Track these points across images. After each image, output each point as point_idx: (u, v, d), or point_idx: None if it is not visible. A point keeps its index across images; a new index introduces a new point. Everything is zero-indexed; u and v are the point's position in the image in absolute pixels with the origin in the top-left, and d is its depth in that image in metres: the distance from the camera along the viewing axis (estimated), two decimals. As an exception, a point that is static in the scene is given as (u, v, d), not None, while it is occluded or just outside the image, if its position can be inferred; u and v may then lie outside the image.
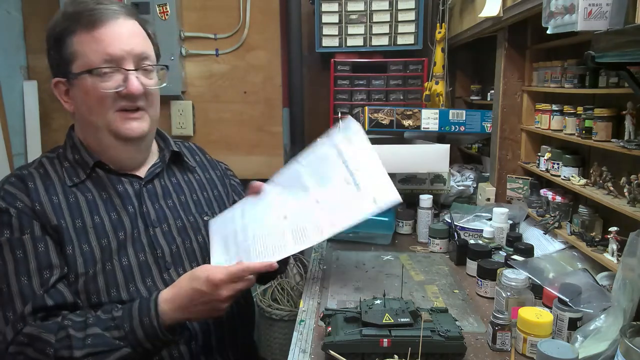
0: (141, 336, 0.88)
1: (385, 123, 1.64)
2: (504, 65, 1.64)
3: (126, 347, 0.87)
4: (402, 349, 0.86)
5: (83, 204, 0.99)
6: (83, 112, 1.01)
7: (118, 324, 0.88)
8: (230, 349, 1.10)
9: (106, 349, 0.86)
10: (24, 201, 0.95)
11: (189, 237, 1.09)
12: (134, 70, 0.98)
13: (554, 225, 1.33)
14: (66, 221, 0.96)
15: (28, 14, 2.37)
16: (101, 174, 1.04)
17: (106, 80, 0.96)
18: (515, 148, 1.69)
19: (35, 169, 1.02)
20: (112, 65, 0.96)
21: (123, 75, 0.98)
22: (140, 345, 0.88)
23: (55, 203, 0.97)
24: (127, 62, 0.97)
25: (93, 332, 0.87)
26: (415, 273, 1.35)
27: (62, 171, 1.02)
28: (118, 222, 1.01)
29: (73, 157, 1.04)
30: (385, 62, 2.17)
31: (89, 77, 0.96)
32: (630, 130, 1.08)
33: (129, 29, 0.99)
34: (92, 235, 0.97)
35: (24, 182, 0.98)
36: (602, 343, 0.85)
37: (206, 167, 1.25)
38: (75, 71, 0.97)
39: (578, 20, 0.89)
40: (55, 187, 0.99)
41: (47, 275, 0.91)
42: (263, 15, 2.33)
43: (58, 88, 1.02)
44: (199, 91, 2.39)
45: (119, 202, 1.03)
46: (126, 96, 0.98)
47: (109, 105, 0.98)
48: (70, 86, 1.00)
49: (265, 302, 2.26)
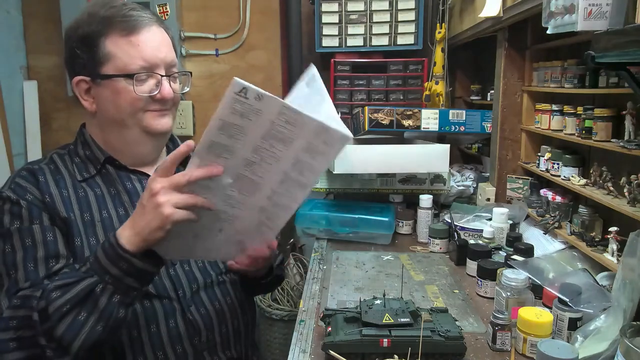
0: (104, 261, 0.85)
1: (385, 123, 1.64)
2: (504, 65, 1.64)
3: (92, 277, 0.85)
4: (402, 349, 0.87)
5: (92, 198, 1.02)
6: (109, 111, 1.03)
7: (85, 261, 0.88)
8: (235, 347, 1.11)
9: (73, 280, 0.85)
10: (34, 194, 0.98)
11: None
12: (166, 77, 1.03)
13: (554, 225, 1.33)
14: (75, 214, 0.99)
15: (28, 14, 2.37)
16: (111, 170, 1.07)
17: (141, 84, 1.01)
18: (515, 148, 1.69)
19: (46, 164, 1.05)
20: (148, 70, 1.01)
21: (156, 80, 1.02)
22: (106, 271, 0.85)
23: (64, 196, 1.00)
24: (160, 69, 1.02)
25: (64, 271, 0.91)
26: (415, 273, 1.35)
27: (73, 166, 1.05)
28: (125, 217, 1.02)
29: (84, 153, 1.07)
30: (385, 62, 2.16)
31: (123, 80, 1.00)
32: (630, 130, 1.08)
33: (161, 37, 1.04)
34: (99, 229, 1.00)
35: (34, 176, 1.00)
36: (602, 343, 0.85)
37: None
38: (107, 72, 1.00)
39: (578, 20, 0.89)
40: (65, 181, 1.02)
41: (52, 263, 0.93)
42: (263, 15, 2.33)
43: (79, 86, 1.04)
44: (199, 91, 2.39)
45: (127, 199, 1.05)
46: (159, 100, 1.03)
47: (140, 107, 1.02)
48: (96, 85, 1.02)
49: (265, 302, 2.26)
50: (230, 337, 1.10)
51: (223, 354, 1.07)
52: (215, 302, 1.08)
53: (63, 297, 0.84)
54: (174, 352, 1.00)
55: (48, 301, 0.83)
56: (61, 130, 2.45)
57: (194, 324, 1.03)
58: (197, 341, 1.03)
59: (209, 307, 1.06)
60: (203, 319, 1.04)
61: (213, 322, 1.06)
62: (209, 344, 1.05)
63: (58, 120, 2.42)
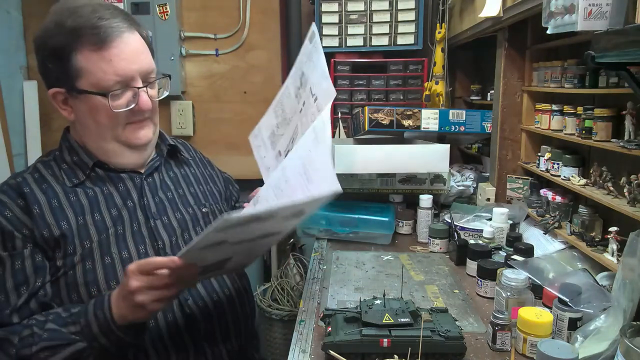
0: (96, 330, 0.87)
1: (385, 123, 1.64)
2: (504, 65, 1.64)
3: (81, 342, 0.87)
4: (402, 349, 0.87)
5: (85, 201, 1.01)
6: (88, 124, 1.02)
7: (75, 319, 0.89)
8: (235, 338, 1.11)
9: (62, 343, 0.87)
10: (14, 211, 0.95)
11: (187, 229, 1.10)
12: (143, 87, 1.00)
13: (554, 225, 1.33)
14: (68, 221, 0.97)
15: (28, 14, 2.37)
16: (101, 173, 1.05)
17: (117, 99, 0.98)
18: (515, 148, 1.69)
19: (30, 174, 1.02)
20: (123, 85, 0.97)
21: (132, 92, 0.99)
22: (96, 339, 0.87)
23: (54, 206, 0.97)
24: (135, 81, 0.99)
25: (50, 327, 0.88)
26: (415, 273, 1.35)
27: (61, 173, 1.03)
28: (118, 217, 1.02)
29: (71, 159, 1.04)
30: (385, 62, 2.16)
31: (99, 97, 0.97)
32: (630, 130, 1.08)
33: (134, 45, 0.99)
34: (92, 232, 0.99)
35: (18, 189, 0.98)
36: (602, 343, 0.85)
37: (204, 163, 1.30)
38: (82, 88, 0.97)
39: (578, 20, 0.89)
40: (53, 189, 1.00)
41: (22, 290, 0.93)
42: (263, 15, 2.33)
43: (56, 98, 1.01)
44: (199, 91, 2.39)
45: (120, 200, 1.04)
46: (137, 112, 1.01)
47: (119, 121, 1.00)
48: (73, 98, 1.00)
49: (265, 302, 2.26)
50: (230, 328, 1.10)
51: (223, 346, 1.08)
52: (213, 294, 1.08)
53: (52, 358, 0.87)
54: (173, 345, 1.01)
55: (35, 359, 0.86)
56: (61, 131, 2.42)
57: (193, 316, 1.03)
58: (196, 334, 1.03)
59: (207, 299, 1.07)
60: (201, 312, 1.05)
61: (212, 314, 1.06)
62: (208, 336, 1.06)
63: (58, 120, 2.42)
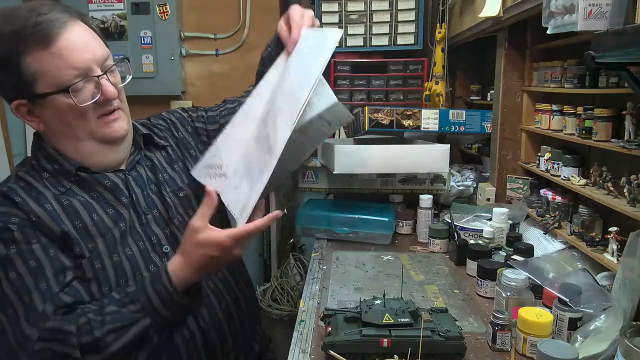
0: (158, 305, 0.90)
1: (385, 123, 1.64)
2: (504, 65, 1.64)
3: (145, 318, 0.90)
4: (402, 349, 0.87)
5: (78, 205, 0.98)
6: (59, 129, 0.98)
7: (133, 298, 0.91)
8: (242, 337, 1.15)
9: (127, 323, 0.88)
10: (19, 215, 0.93)
11: (176, 216, 1.08)
12: (103, 75, 0.96)
13: (554, 225, 1.33)
14: (67, 225, 0.95)
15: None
16: (85, 177, 1.01)
17: (80, 94, 0.93)
18: (515, 148, 1.69)
19: (15, 183, 0.98)
20: (82, 77, 0.93)
21: (94, 83, 0.95)
22: (159, 314, 0.91)
23: (50, 210, 0.95)
24: (94, 70, 0.95)
25: (110, 310, 0.89)
26: (415, 273, 1.35)
27: (44, 182, 0.99)
28: (117, 215, 1.01)
29: (52, 167, 0.99)
30: (385, 62, 2.16)
31: (62, 96, 0.93)
32: (630, 130, 1.08)
33: (81, 34, 0.94)
34: (94, 233, 0.97)
35: (9, 199, 0.94)
36: (602, 343, 0.85)
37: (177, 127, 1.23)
38: (42, 91, 0.93)
39: (578, 20, 0.89)
40: (44, 195, 0.96)
41: (62, 278, 0.92)
42: (263, 15, 2.33)
43: (19, 110, 0.97)
44: (199, 91, 2.39)
45: (111, 197, 1.02)
46: (103, 102, 0.97)
47: (89, 116, 0.96)
48: (37, 106, 0.96)
49: (265, 302, 2.26)
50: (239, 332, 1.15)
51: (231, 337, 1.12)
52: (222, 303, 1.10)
53: (119, 340, 0.88)
54: (181, 336, 1.02)
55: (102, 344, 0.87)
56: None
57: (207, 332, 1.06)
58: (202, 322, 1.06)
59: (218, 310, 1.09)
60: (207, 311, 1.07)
61: (222, 324, 1.10)
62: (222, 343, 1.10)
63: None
